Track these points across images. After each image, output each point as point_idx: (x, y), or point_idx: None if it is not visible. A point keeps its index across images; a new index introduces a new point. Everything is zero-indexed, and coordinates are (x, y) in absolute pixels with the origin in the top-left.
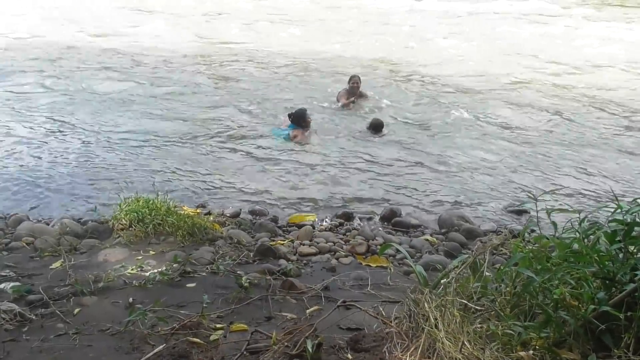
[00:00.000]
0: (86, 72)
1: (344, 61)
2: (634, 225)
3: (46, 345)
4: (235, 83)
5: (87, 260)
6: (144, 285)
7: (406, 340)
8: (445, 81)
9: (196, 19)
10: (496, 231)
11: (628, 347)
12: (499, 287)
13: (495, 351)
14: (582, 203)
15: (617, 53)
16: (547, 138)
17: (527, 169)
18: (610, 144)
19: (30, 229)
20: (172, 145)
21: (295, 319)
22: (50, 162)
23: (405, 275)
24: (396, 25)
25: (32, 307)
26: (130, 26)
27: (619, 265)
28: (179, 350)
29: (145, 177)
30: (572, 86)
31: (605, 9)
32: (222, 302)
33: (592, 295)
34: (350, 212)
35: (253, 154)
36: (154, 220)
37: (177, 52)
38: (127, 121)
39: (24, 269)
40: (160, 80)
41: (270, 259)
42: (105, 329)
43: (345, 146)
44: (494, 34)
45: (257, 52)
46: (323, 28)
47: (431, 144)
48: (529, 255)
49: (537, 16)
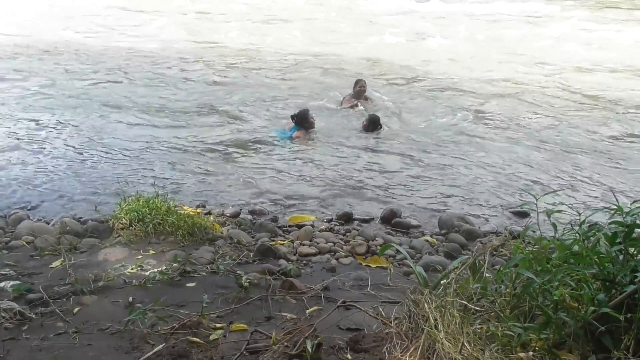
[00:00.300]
0: (84, 71)
1: (343, 62)
2: (634, 227)
3: (46, 344)
4: (235, 84)
5: (87, 260)
6: (143, 284)
7: (406, 340)
8: (446, 83)
9: (188, 19)
10: (496, 232)
11: (628, 349)
12: (499, 288)
13: (495, 352)
14: (584, 204)
15: (616, 56)
16: (547, 139)
17: (527, 170)
18: (611, 145)
19: (30, 227)
20: (172, 145)
21: (295, 319)
22: (51, 161)
23: (405, 275)
24: (395, 26)
25: (32, 306)
26: (125, 26)
27: (619, 267)
28: (179, 350)
29: (146, 177)
30: (571, 87)
31: (602, 11)
32: (222, 301)
33: (592, 297)
34: (350, 213)
35: (254, 155)
36: (154, 219)
37: (173, 52)
38: (127, 121)
39: (24, 267)
40: (159, 80)
41: (270, 259)
42: (105, 328)
43: (346, 147)
44: (493, 35)
45: (257, 53)
46: (322, 28)
47: (432, 145)
48: (529, 256)
49: (534, 18)
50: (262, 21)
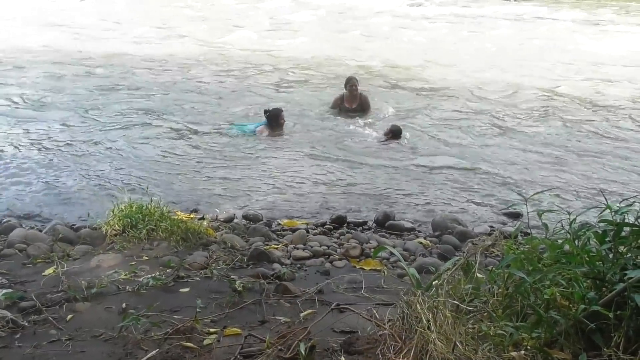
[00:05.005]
0: (74, 77)
1: (341, 65)
2: (623, 226)
3: (39, 352)
4: (234, 90)
5: (80, 267)
6: (137, 290)
7: (399, 342)
8: (441, 84)
9: (180, 21)
10: (489, 233)
11: (618, 346)
12: (492, 289)
13: (488, 352)
14: (574, 203)
15: (615, 56)
16: (539, 140)
17: (521, 171)
18: (602, 145)
19: (22, 235)
20: (164, 151)
21: (289, 323)
22: (42, 168)
23: (399, 278)
24: (393, 28)
25: (25, 314)
26: (118, 30)
27: (609, 265)
28: (173, 355)
29: (138, 183)
30: (569, 88)
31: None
32: (216, 306)
33: (583, 295)
34: (344, 216)
35: (247, 158)
36: (147, 225)
37: (160, 57)
38: (119, 126)
39: (17, 275)
40: (147, 86)
41: (264, 263)
42: (99, 334)
43: (337, 149)
44: (491, 36)
45: (257, 53)
46: (315, 32)
47: (425, 146)
48: (521, 256)
49: (533, 19)
50: (262, 22)
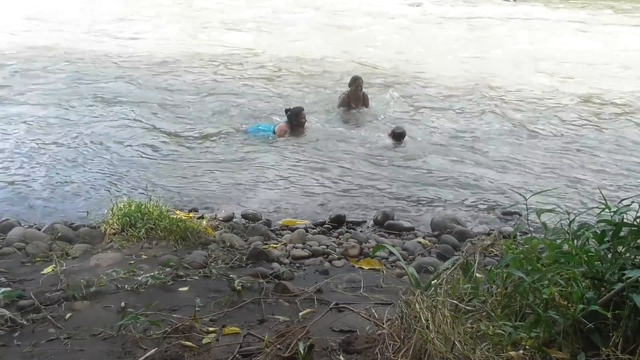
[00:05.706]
0: (74, 77)
1: (342, 65)
2: (622, 226)
3: (37, 351)
4: (229, 87)
5: (79, 265)
6: (136, 289)
7: (398, 341)
8: (441, 84)
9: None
10: (488, 233)
11: (616, 346)
12: (490, 288)
13: (486, 351)
14: (574, 203)
15: (613, 56)
16: (539, 140)
17: (521, 171)
18: (602, 145)
19: (21, 234)
20: (163, 150)
21: (287, 322)
22: (41, 167)
23: (398, 277)
24: (393, 28)
25: (24, 313)
26: (117, 30)
27: (608, 265)
28: (171, 354)
29: (138, 182)
30: (568, 88)
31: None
32: (215, 305)
33: (581, 295)
34: (343, 216)
35: (246, 157)
36: (146, 224)
37: (160, 57)
38: (118, 126)
39: (15, 274)
40: (149, 85)
41: (263, 262)
42: (97, 333)
43: (339, 149)
44: (491, 36)
45: (256, 54)
46: (313, 32)
47: (424, 147)
48: (520, 256)
49: (531, 20)
50: (260, 23)
